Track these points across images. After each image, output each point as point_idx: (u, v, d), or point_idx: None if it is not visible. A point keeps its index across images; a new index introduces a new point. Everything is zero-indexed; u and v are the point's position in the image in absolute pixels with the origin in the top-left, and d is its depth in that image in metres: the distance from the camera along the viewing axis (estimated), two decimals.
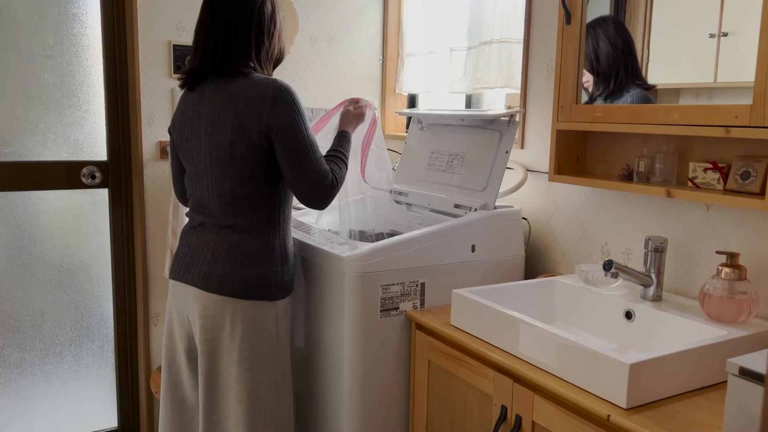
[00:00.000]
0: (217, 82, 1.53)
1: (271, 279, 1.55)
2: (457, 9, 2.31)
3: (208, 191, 1.55)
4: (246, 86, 1.49)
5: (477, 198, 1.83)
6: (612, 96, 1.59)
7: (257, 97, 1.47)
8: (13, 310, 2.24)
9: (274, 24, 1.57)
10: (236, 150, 1.49)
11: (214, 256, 1.54)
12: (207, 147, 1.53)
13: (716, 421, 1.06)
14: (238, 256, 1.53)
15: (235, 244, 1.53)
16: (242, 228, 1.53)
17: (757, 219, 1.38)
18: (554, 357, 1.22)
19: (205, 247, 1.56)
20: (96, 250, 2.34)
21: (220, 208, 1.54)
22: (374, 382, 1.62)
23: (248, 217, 1.53)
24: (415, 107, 2.61)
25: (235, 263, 1.52)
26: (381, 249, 1.59)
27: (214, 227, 1.56)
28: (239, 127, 1.48)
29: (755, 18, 1.22)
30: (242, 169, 1.50)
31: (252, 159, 1.49)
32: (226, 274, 1.52)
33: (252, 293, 1.53)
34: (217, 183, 1.53)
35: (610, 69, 1.59)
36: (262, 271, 1.54)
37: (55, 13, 2.17)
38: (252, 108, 1.47)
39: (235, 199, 1.52)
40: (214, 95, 1.52)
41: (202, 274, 1.54)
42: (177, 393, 1.67)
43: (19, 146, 2.18)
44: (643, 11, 1.52)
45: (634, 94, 1.56)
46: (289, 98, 1.48)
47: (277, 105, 1.47)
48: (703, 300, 1.35)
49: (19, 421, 2.28)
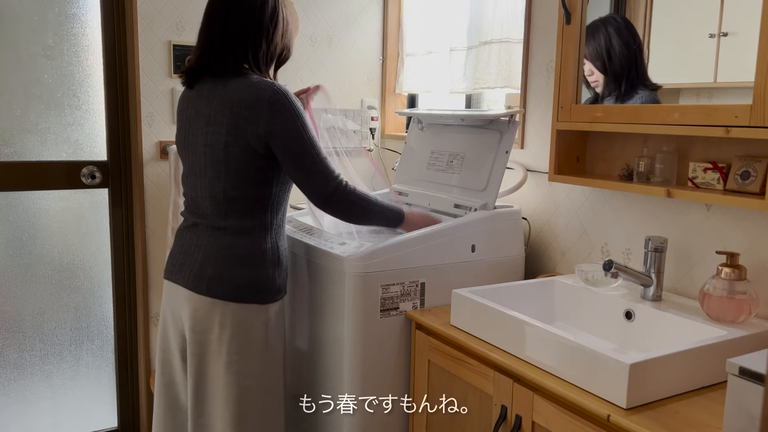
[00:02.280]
0: (215, 82, 1.52)
1: (262, 282, 1.54)
2: (457, 9, 2.31)
3: (202, 191, 1.54)
4: (243, 88, 1.48)
5: (477, 198, 1.83)
6: (622, 98, 1.55)
7: (254, 100, 1.46)
8: (13, 310, 2.24)
9: (274, 24, 1.54)
10: (230, 152, 1.48)
11: (204, 257, 1.53)
12: (202, 146, 1.52)
13: (716, 421, 1.05)
14: (228, 258, 1.52)
15: (226, 246, 1.52)
16: (234, 230, 1.52)
17: (757, 219, 1.38)
18: (554, 357, 1.22)
19: (197, 248, 1.55)
20: (96, 250, 2.34)
21: (213, 209, 1.53)
22: (374, 382, 1.62)
23: (240, 219, 1.52)
24: (415, 107, 2.61)
25: (225, 265, 1.51)
26: (381, 249, 1.59)
27: (207, 228, 1.55)
28: (235, 129, 1.47)
29: (755, 18, 1.22)
30: (236, 171, 1.49)
31: (246, 161, 1.48)
32: (216, 277, 1.51)
33: (242, 296, 1.51)
34: (210, 183, 1.52)
35: (622, 69, 1.55)
36: (252, 274, 1.53)
37: (55, 13, 2.17)
38: (249, 110, 1.46)
39: (227, 201, 1.51)
40: (212, 94, 1.52)
41: (192, 275, 1.53)
42: (171, 393, 1.66)
43: (19, 146, 2.18)
44: (643, 11, 1.52)
45: (644, 96, 1.52)
46: (286, 102, 1.47)
47: (274, 110, 1.46)
48: (703, 300, 1.35)
49: (19, 421, 2.28)
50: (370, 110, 2.66)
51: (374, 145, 2.68)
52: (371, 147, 2.66)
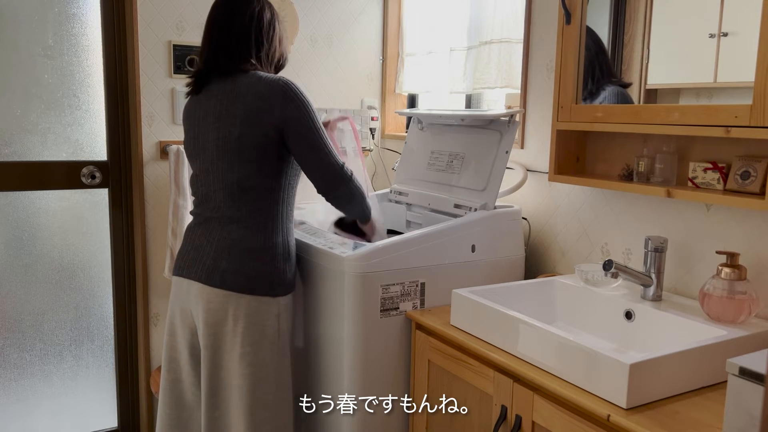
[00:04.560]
0: (224, 81, 1.58)
1: (274, 275, 1.57)
2: (457, 9, 2.31)
3: (214, 185, 1.58)
4: (254, 81, 1.54)
5: (477, 198, 1.83)
6: (591, 96, 1.64)
7: (267, 91, 1.52)
8: (13, 310, 2.24)
9: (273, 29, 1.63)
10: (244, 141, 1.53)
11: (217, 251, 1.56)
12: (214, 141, 1.56)
13: (716, 421, 1.05)
14: (241, 251, 1.55)
15: (238, 240, 1.56)
16: (246, 224, 1.56)
17: (757, 219, 1.38)
18: (554, 357, 1.22)
19: (209, 243, 1.58)
20: (96, 250, 2.34)
21: (225, 201, 1.57)
22: (374, 382, 1.62)
23: (252, 212, 1.56)
24: (415, 107, 2.61)
25: (238, 259, 1.55)
26: (381, 249, 1.59)
27: (219, 222, 1.58)
28: (248, 119, 1.52)
29: (755, 18, 1.22)
30: (249, 162, 1.54)
31: (258, 151, 1.53)
32: (229, 270, 1.55)
33: (254, 288, 1.55)
34: (223, 175, 1.56)
35: (586, 71, 1.63)
36: (264, 267, 1.56)
37: (55, 13, 2.17)
38: (263, 100, 1.52)
39: (240, 192, 1.55)
40: (221, 93, 1.57)
41: (205, 269, 1.57)
42: (176, 391, 1.68)
43: (19, 146, 2.18)
44: (643, 11, 1.52)
45: (609, 90, 1.62)
46: (298, 92, 1.55)
47: (288, 98, 1.53)
48: (703, 300, 1.35)
49: (19, 421, 2.28)
50: (370, 110, 2.66)
51: (374, 145, 2.68)
52: (371, 147, 2.66)
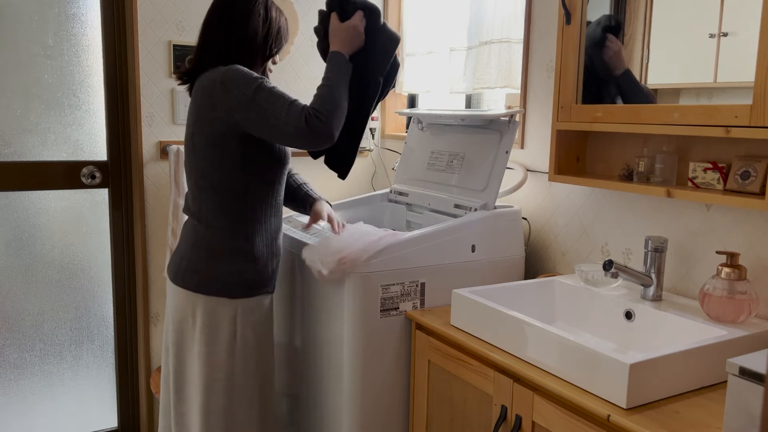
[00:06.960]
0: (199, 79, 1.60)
1: (231, 276, 1.57)
2: (457, 9, 2.31)
3: (188, 185, 1.63)
4: (204, 77, 1.55)
5: (477, 198, 1.83)
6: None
7: (210, 86, 1.52)
8: (13, 310, 2.24)
9: (247, 16, 1.56)
10: (196, 140, 1.55)
11: (183, 250, 1.61)
12: (185, 142, 1.61)
13: (716, 421, 1.06)
14: (201, 250, 1.58)
15: (200, 240, 1.58)
16: (207, 224, 1.58)
17: (757, 219, 1.38)
18: (554, 357, 1.22)
19: (181, 242, 1.64)
20: (96, 250, 2.34)
21: (193, 201, 1.61)
22: (374, 382, 1.62)
23: (215, 212, 1.57)
24: (415, 107, 2.61)
25: (197, 258, 1.58)
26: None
27: (189, 221, 1.63)
28: (198, 117, 1.54)
29: (755, 18, 1.22)
30: (203, 160, 1.56)
31: (212, 150, 1.53)
32: (189, 269, 1.58)
33: (208, 289, 1.56)
34: (188, 176, 1.62)
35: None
36: (222, 267, 1.56)
37: (55, 13, 2.17)
38: (206, 96, 1.52)
39: (200, 191, 1.58)
40: (194, 92, 1.61)
41: (173, 267, 1.62)
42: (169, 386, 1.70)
43: (19, 146, 2.18)
44: (643, 11, 1.52)
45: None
46: (234, 76, 1.48)
47: (226, 88, 1.48)
48: (703, 300, 1.35)
49: (19, 421, 2.28)
50: None
51: (374, 145, 2.68)
52: (371, 147, 2.66)
